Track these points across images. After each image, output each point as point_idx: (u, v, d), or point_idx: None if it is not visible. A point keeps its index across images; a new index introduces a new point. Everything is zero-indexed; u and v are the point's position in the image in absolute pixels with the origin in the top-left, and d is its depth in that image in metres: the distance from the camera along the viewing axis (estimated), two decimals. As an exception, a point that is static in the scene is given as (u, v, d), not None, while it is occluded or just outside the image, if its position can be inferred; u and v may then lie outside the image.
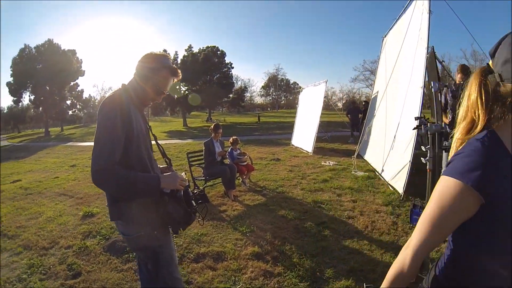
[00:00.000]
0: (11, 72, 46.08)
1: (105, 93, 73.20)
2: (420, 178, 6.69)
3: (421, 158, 3.17)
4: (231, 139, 7.56)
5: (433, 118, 4.75)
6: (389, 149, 7.14)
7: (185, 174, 2.22)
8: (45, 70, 45.07)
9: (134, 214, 1.95)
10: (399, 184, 6.03)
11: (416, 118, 3.55)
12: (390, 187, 6.40)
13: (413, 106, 6.05)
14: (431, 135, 3.06)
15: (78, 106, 58.29)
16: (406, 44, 7.22)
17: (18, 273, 3.89)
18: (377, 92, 10.20)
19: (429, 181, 3.07)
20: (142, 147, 1.98)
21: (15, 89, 46.70)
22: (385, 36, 10.10)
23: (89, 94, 76.81)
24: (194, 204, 2.15)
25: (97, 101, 76.07)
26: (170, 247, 2.18)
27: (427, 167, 3.00)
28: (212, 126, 6.93)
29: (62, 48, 48.14)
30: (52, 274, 3.82)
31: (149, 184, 1.88)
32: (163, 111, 48.21)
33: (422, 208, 4.42)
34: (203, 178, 6.64)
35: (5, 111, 73.60)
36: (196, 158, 7.32)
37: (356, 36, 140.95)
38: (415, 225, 3.34)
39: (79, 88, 52.70)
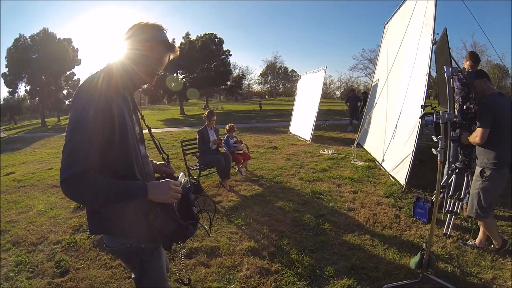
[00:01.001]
0: (6, 62, 45.28)
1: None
2: (422, 169, 6.51)
3: (432, 149, 2.93)
4: (227, 126, 7.32)
5: (441, 106, 4.52)
6: (390, 139, 6.93)
7: (185, 174, 1.89)
8: (41, 60, 44.23)
9: (118, 226, 1.64)
10: (400, 175, 5.83)
11: (423, 107, 3.31)
12: (391, 178, 6.20)
13: (417, 94, 5.85)
14: (443, 124, 2.81)
15: (74, 96, 57.51)
16: (410, 31, 6.96)
17: (6, 271, 3.73)
18: (378, 80, 9.94)
19: (439, 174, 2.84)
20: (128, 143, 1.60)
21: (11, 80, 45.97)
22: (387, 23, 9.78)
23: (85, 84, 75.34)
24: (196, 212, 1.83)
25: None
26: (160, 262, 1.85)
27: (438, 158, 2.77)
28: (206, 113, 6.66)
29: (57, 37, 47.29)
30: (40, 272, 3.65)
31: (133, 196, 1.52)
32: (160, 99, 47.64)
33: (426, 201, 4.23)
34: (198, 167, 6.41)
35: (0, 103, 73.14)
36: (190, 147, 7.08)
37: (355, 24, 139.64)
38: (418, 218, 3.16)
39: (75, 77, 51.71)
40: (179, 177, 1.82)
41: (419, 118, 3.55)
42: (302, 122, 13.72)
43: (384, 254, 3.52)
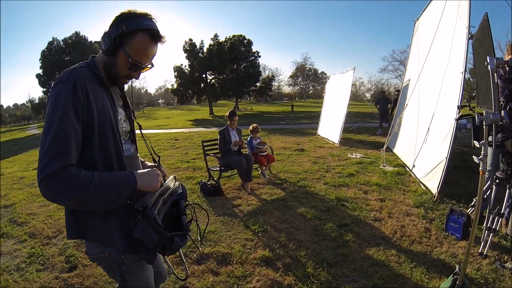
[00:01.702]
0: (40, 64, 47.40)
1: (132, 82, 75.37)
2: (455, 177, 6.01)
3: (474, 157, 2.56)
4: (250, 127, 7.10)
5: (480, 107, 4.04)
6: (422, 143, 6.49)
7: (175, 178, 1.71)
8: (73, 62, 44.67)
9: (95, 233, 1.49)
10: (432, 183, 5.38)
11: (459, 107, 2.93)
12: (422, 186, 5.75)
13: (451, 94, 5.40)
14: (486, 126, 2.39)
15: (105, 96, 59.02)
16: (443, 26, 6.50)
17: (18, 261, 3.80)
18: (409, 80, 9.45)
19: (481, 185, 2.45)
20: (108, 141, 1.46)
21: (45, 81, 48.08)
22: (417, 20, 9.29)
23: (116, 84, 77.41)
24: (186, 222, 1.64)
25: (124, 90, 77.72)
26: (145, 272, 1.65)
27: (480, 168, 2.38)
28: (227, 113, 6.44)
29: (89, 40, 49.28)
30: (50, 265, 3.67)
31: (122, 187, 1.38)
32: (189, 99, 48.14)
33: (461, 214, 3.79)
34: (218, 169, 6.20)
35: (36, 102, 77.20)
36: (212, 147, 6.89)
37: (385, 25, 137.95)
38: (451, 234, 2.72)
39: (105, 79, 53.54)
40: (168, 181, 1.63)
41: (455, 120, 3.15)
42: (331, 124, 13.33)
43: (411, 274, 3.13)
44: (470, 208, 4.11)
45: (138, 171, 1.51)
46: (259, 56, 47.85)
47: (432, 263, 3.30)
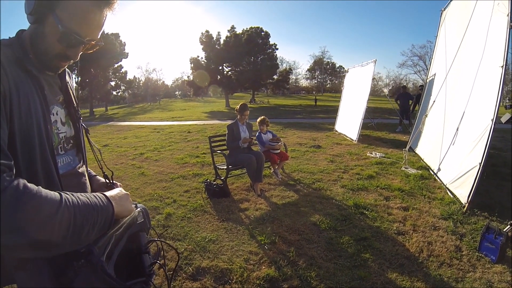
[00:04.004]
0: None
1: (149, 74, 76.03)
2: (484, 184, 5.33)
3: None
4: (258, 119, 6.49)
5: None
6: (449, 144, 5.89)
7: (135, 206, 1.23)
8: (90, 54, 46.20)
9: (26, 281, 1.01)
10: (461, 191, 4.81)
11: (510, 107, 2.39)
12: (449, 193, 5.17)
13: (487, 91, 4.81)
14: None
15: (122, 87, 59.05)
16: (476, 14, 5.88)
17: None
18: (434, 74, 8.76)
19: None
20: (33, 152, 0.98)
21: (62, 73, 49.00)
22: (444, 9, 8.59)
23: (134, 76, 77.39)
24: (149, 264, 1.14)
25: (141, 82, 78.70)
26: None
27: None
28: (238, 106, 5.89)
29: (105, 32, 49.30)
30: None
31: (97, 214, 0.93)
32: (205, 91, 47.82)
33: (500, 234, 3.24)
34: (225, 167, 5.69)
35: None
36: (220, 143, 6.34)
37: (405, 19, 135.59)
38: (485, 254, 2.10)
39: (122, 70, 53.37)
40: None
41: (505, 122, 2.63)
42: (349, 120, 12.71)
43: (443, 309, 2.60)
44: (509, 226, 3.55)
45: (109, 192, 1.07)
46: (277, 49, 47.03)
47: (467, 293, 2.76)
